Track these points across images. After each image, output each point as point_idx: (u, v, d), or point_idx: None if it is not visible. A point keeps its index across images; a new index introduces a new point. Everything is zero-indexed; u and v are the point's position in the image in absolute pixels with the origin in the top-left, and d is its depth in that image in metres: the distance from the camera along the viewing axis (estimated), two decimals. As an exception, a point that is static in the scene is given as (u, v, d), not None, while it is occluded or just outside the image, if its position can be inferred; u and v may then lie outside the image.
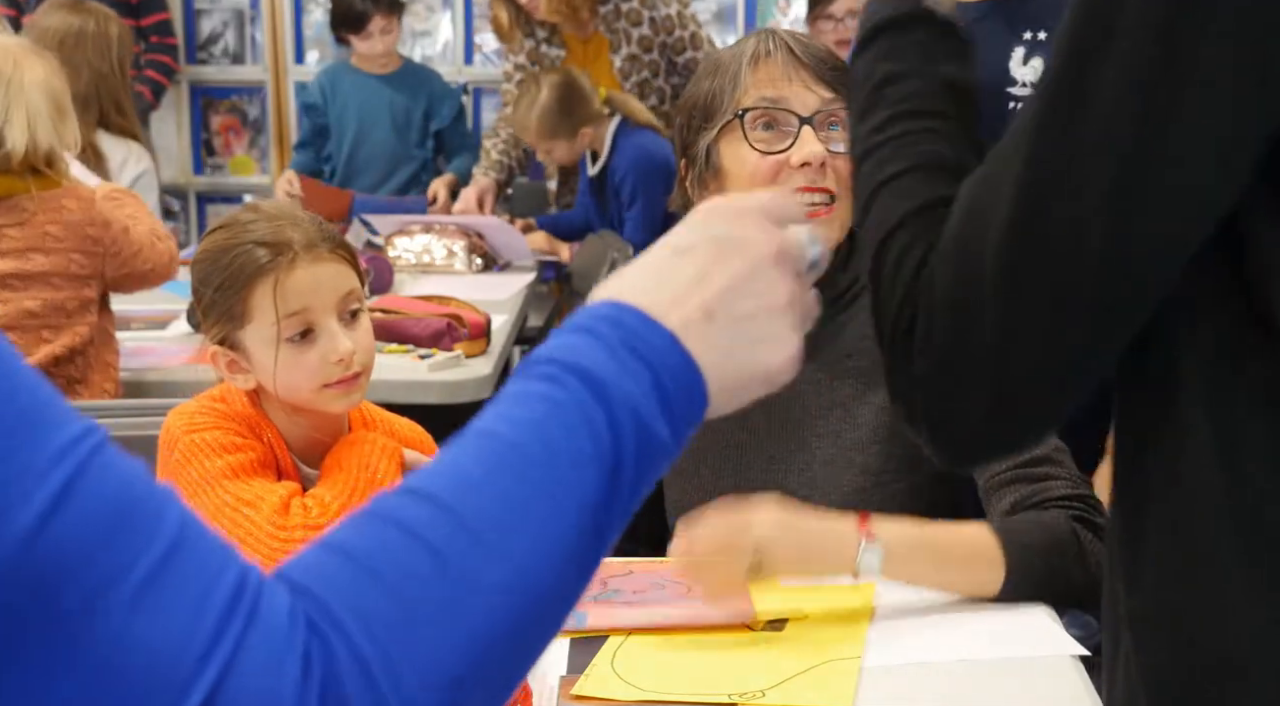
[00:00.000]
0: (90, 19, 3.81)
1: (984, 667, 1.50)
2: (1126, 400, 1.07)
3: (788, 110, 1.81)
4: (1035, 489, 1.71)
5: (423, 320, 3.15)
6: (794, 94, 1.80)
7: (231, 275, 1.75)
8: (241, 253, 1.74)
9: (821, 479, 1.82)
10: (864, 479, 1.80)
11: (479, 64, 6.26)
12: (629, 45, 4.71)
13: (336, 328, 1.76)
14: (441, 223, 4.35)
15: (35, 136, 2.72)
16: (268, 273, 1.73)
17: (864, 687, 1.46)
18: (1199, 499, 1.00)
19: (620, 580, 1.75)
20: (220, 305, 1.77)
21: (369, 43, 5.08)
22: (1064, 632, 1.59)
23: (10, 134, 2.70)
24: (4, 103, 2.70)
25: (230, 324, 1.76)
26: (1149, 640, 1.04)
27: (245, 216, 1.79)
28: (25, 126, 2.70)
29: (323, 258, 1.76)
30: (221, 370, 1.79)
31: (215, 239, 1.79)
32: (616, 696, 1.47)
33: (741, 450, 1.87)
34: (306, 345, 1.75)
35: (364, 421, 1.84)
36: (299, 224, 1.77)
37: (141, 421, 2.34)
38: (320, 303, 1.75)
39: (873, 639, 1.56)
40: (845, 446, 1.83)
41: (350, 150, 5.15)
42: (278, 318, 1.73)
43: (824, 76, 1.81)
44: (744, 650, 1.56)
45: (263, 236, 1.74)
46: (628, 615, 1.63)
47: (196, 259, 1.81)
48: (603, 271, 4.22)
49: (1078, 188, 0.94)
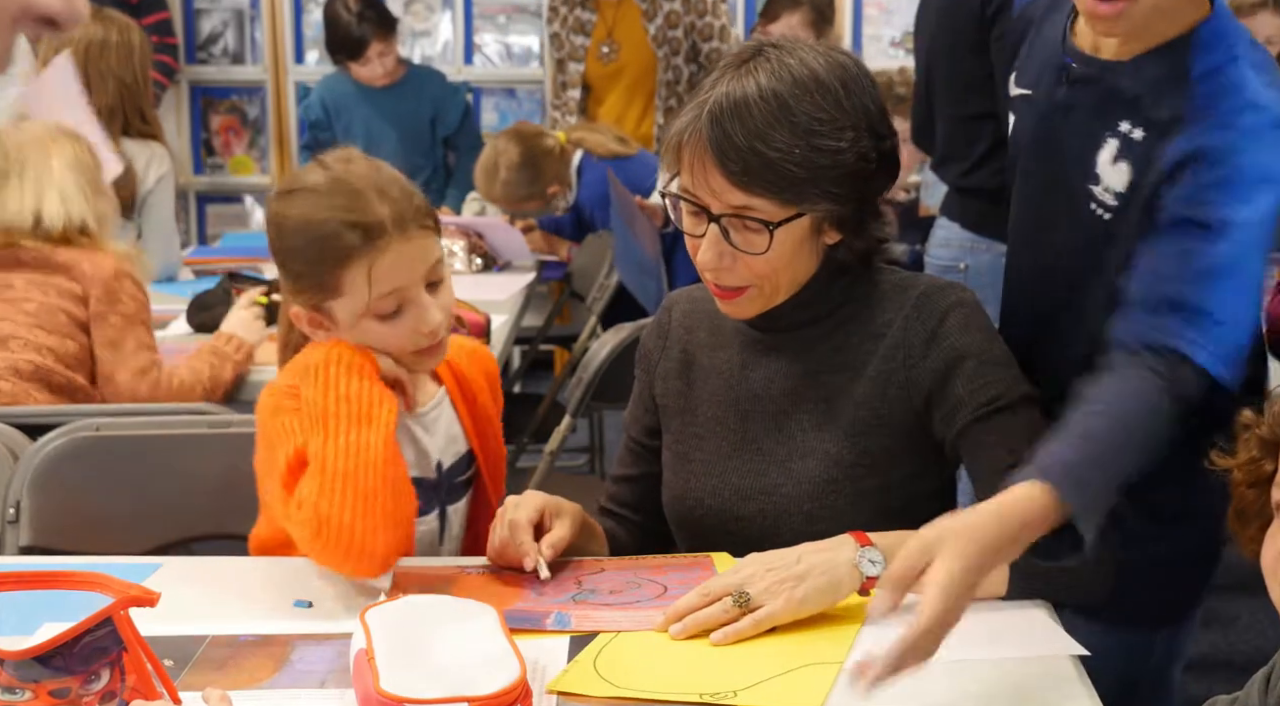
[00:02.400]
0: (113, 28, 3.83)
1: (984, 667, 1.51)
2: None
3: (701, 206, 1.76)
4: None
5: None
6: (702, 193, 1.74)
7: (321, 253, 1.78)
8: (331, 233, 1.76)
9: (798, 470, 1.82)
10: (835, 470, 1.80)
11: (479, 64, 6.26)
12: (659, 17, 4.72)
13: (427, 299, 1.81)
14: (442, 223, 4.35)
15: (69, 213, 2.86)
16: (361, 255, 1.76)
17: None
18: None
19: (594, 579, 1.76)
20: (308, 278, 1.81)
21: (368, 67, 5.08)
22: (1064, 632, 1.59)
23: (47, 211, 2.85)
24: (36, 189, 2.86)
25: (319, 295, 1.81)
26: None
27: (327, 182, 1.80)
28: (60, 204, 2.86)
29: (412, 234, 1.80)
30: (302, 326, 1.85)
31: (300, 207, 1.80)
32: (591, 693, 1.47)
33: (735, 441, 1.88)
34: (397, 318, 1.80)
35: None
36: (385, 194, 1.79)
37: (142, 422, 2.34)
38: (411, 279, 1.80)
39: (872, 639, 1.56)
40: (822, 438, 1.83)
41: (360, 166, 5.14)
42: (370, 297, 1.77)
43: (734, 177, 1.71)
44: (728, 651, 1.56)
45: (353, 216, 1.76)
46: (614, 617, 1.64)
47: (278, 221, 1.82)
48: (603, 271, 4.23)
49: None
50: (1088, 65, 1.83)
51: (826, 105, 1.72)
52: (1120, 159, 1.79)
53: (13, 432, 2.29)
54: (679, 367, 1.95)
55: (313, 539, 1.69)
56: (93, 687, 1.32)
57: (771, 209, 1.72)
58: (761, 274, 1.77)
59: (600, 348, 2.97)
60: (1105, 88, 1.81)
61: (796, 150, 1.69)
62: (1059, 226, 1.89)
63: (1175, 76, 1.75)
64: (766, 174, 1.70)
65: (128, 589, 1.39)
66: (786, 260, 1.76)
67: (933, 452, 1.82)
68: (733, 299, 1.81)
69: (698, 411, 1.92)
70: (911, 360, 1.80)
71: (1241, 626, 3.49)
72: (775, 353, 1.87)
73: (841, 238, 1.80)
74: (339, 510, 1.68)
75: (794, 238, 1.75)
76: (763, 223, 1.72)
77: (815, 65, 1.73)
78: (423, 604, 1.55)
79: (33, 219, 2.85)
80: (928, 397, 1.80)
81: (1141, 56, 1.78)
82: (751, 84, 1.71)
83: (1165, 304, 1.70)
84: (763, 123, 1.69)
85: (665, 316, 1.99)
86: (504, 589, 1.72)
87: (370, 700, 1.37)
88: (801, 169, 1.70)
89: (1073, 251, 1.87)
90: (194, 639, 1.60)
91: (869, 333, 1.83)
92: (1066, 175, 1.86)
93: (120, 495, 2.25)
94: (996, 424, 1.76)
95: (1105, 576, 1.71)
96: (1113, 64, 1.81)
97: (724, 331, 1.92)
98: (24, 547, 2.17)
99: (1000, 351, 1.81)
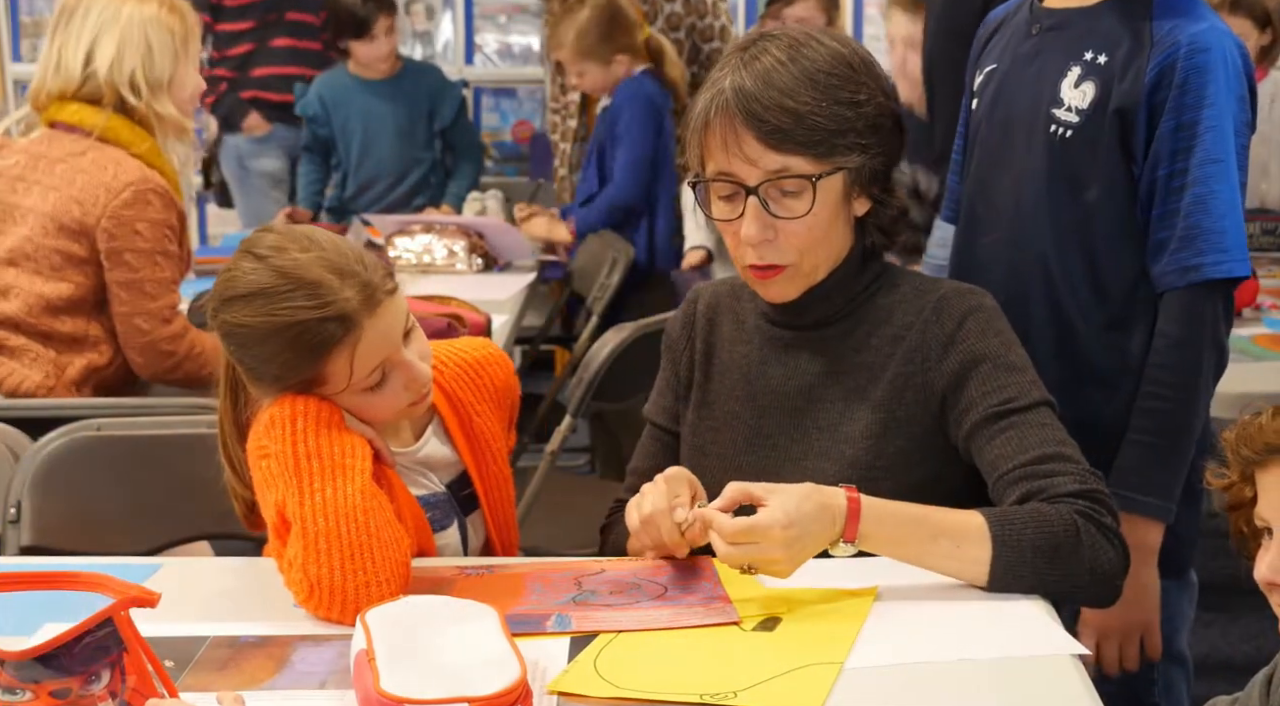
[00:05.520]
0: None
1: (984, 667, 1.51)
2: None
3: (735, 182, 1.80)
4: (1041, 485, 1.72)
5: (423, 320, 3.12)
6: (737, 166, 1.78)
7: (298, 354, 1.69)
8: (306, 331, 1.67)
9: (813, 470, 1.83)
10: (851, 472, 1.81)
11: (479, 64, 6.26)
12: (659, 19, 4.71)
13: (409, 358, 1.75)
14: (442, 223, 4.35)
15: (122, 64, 2.79)
16: (342, 345, 1.69)
17: (864, 687, 1.46)
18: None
19: (594, 580, 1.76)
20: (287, 378, 1.72)
21: (374, 45, 5.04)
22: (1064, 632, 1.59)
23: (98, 57, 2.78)
24: (94, 30, 2.79)
25: (299, 388, 1.73)
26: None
27: (275, 278, 1.68)
28: (114, 49, 2.79)
29: (382, 304, 1.71)
30: None
31: (257, 313, 1.68)
32: (591, 693, 1.47)
33: (750, 435, 1.90)
34: (383, 385, 1.75)
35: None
36: (345, 274, 1.68)
37: (142, 422, 2.34)
38: (392, 345, 1.73)
39: (872, 638, 1.56)
40: (838, 439, 1.84)
41: (358, 159, 5.13)
42: (355, 378, 1.71)
43: (769, 138, 1.76)
44: (730, 651, 1.56)
45: (324, 311, 1.67)
46: (615, 618, 1.64)
47: (233, 333, 1.71)
48: (603, 271, 4.22)
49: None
50: (1058, 15, 2.05)
51: (840, 67, 1.79)
52: (1084, 81, 1.99)
53: (13, 432, 2.29)
54: (700, 359, 1.97)
55: (307, 600, 1.67)
56: (93, 688, 1.32)
57: (808, 166, 1.77)
58: (802, 246, 1.81)
59: (601, 347, 2.97)
60: (1074, 30, 2.02)
61: (822, 104, 1.77)
62: (1014, 158, 2.05)
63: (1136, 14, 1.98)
64: (798, 131, 1.76)
65: (128, 589, 1.38)
66: (824, 230, 1.81)
67: (950, 457, 1.83)
68: (773, 277, 1.83)
69: (715, 405, 1.93)
70: (929, 363, 1.82)
71: (1241, 626, 3.49)
72: (795, 350, 1.89)
73: (870, 207, 1.85)
74: (328, 572, 1.64)
75: (831, 198, 1.80)
76: (803, 177, 1.77)
77: (821, 38, 1.83)
78: (423, 604, 1.55)
79: (83, 64, 2.79)
80: (943, 400, 1.81)
81: (1105, 3, 2.01)
82: (767, 58, 1.79)
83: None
84: (786, 84, 1.77)
85: (691, 308, 2.01)
86: (504, 590, 1.72)
87: (370, 700, 1.37)
88: (830, 121, 1.77)
89: (1030, 175, 2.03)
90: (195, 639, 1.60)
91: (888, 335, 1.85)
92: (1027, 108, 2.04)
93: (120, 495, 2.25)
94: (1006, 425, 1.77)
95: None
96: (1081, 9, 2.03)
97: (746, 327, 1.94)
98: (24, 548, 2.17)
99: (1017, 357, 1.82)
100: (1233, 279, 1.96)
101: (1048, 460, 1.74)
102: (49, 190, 2.78)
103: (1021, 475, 1.74)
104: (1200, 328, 1.96)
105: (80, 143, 2.80)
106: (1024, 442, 1.75)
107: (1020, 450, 1.75)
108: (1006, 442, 1.76)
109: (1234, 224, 1.94)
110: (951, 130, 3.55)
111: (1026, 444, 1.75)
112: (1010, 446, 1.75)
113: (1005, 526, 1.66)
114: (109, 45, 2.79)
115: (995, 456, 1.77)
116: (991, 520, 1.67)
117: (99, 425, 2.28)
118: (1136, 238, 1.99)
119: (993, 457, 1.77)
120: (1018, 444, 1.75)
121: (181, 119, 2.88)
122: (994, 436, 1.77)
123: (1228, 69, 1.93)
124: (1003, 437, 1.76)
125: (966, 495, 1.81)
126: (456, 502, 1.92)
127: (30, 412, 2.53)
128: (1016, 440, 1.76)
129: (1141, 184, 1.97)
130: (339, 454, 1.69)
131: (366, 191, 5.12)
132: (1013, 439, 1.76)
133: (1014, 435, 1.76)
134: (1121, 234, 1.99)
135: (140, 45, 2.80)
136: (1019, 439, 1.76)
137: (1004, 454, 1.76)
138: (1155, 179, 1.96)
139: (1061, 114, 1.99)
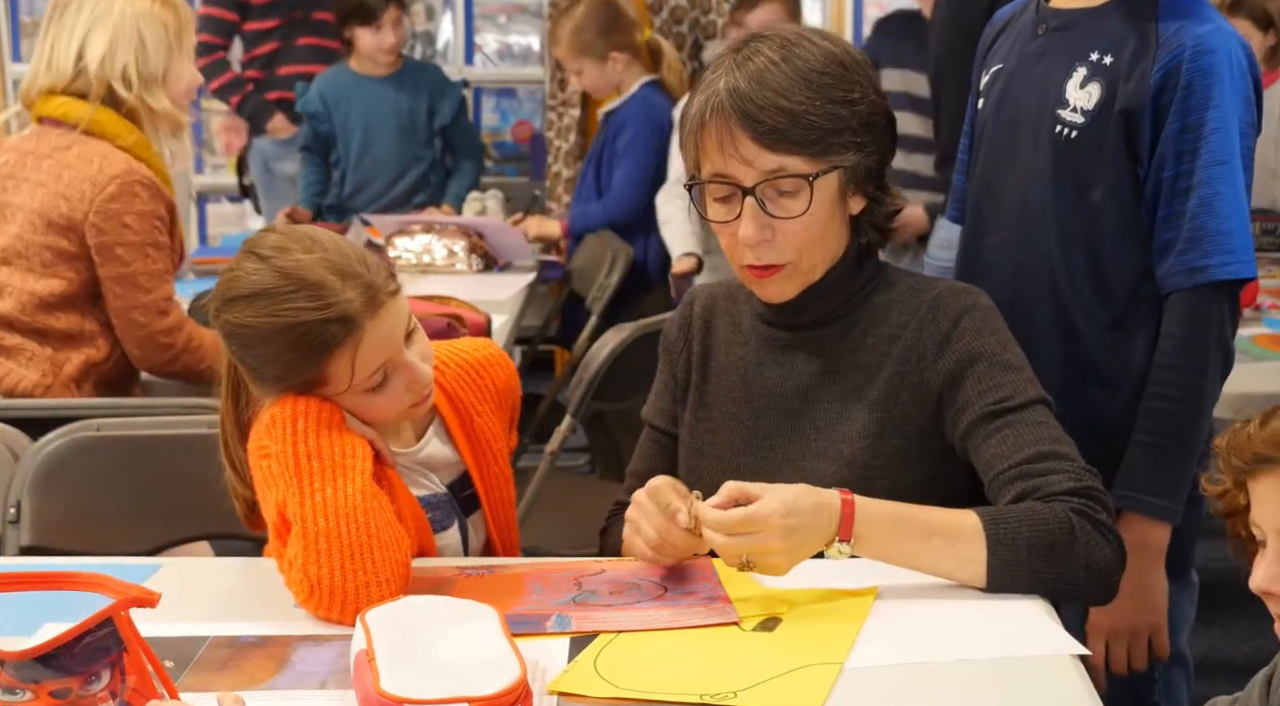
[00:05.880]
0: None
1: (984, 667, 1.51)
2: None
3: (732, 183, 1.80)
4: (1037, 483, 1.72)
5: (423, 320, 3.12)
6: (734, 167, 1.79)
7: (300, 354, 1.69)
8: (308, 332, 1.67)
9: (811, 470, 1.83)
10: (848, 472, 1.81)
11: (479, 64, 6.26)
12: (664, 11, 4.70)
13: (411, 359, 1.75)
14: (442, 223, 4.35)
15: (114, 59, 2.78)
16: (344, 346, 1.69)
17: (864, 687, 1.46)
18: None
19: (594, 580, 1.76)
20: (288, 379, 1.72)
21: (379, 35, 4.99)
22: (1064, 632, 1.59)
23: (90, 52, 2.78)
24: (87, 25, 2.78)
25: (300, 389, 1.73)
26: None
27: (278, 279, 1.68)
28: (106, 43, 2.78)
29: (385, 305, 1.71)
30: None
31: (259, 313, 1.68)
32: (592, 693, 1.47)
33: (747, 435, 1.90)
34: (385, 386, 1.75)
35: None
36: (347, 275, 1.68)
37: (142, 422, 2.34)
38: (394, 346, 1.73)
39: (871, 638, 1.57)
40: (836, 439, 1.85)
41: (358, 156, 5.12)
42: (357, 379, 1.71)
43: (765, 138, 1.77)
44: (729, 651, 1.56)
45: (326, 312, 1.67)
46: (615, 618, 1.64)
47: (235, 333, 1.71)
48: (602, 271, 4.23)
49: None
50: (1064, 15, 2.05)
51: (833, 66, 1.80)
52: (1089, 82, 1.99)
53: (13, 432, 2.29)
54: (698, 361, 1.97)
55: (307, 600, 1.67)
56: (93, 688, 1.32)
57: (804, 166, 1.78)
58: (800, 245, 1.81)
59: (600, 347, 2.97)
60: (1080, 31, 2.02)
61: (817, 103, 1.77)
62: (1020, 158, 2.06)
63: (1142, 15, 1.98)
64: (794, 130, 1.76)
65: (128, 589, 1.38)
66: (821, 228, 1.81)
67: (947, 456, 1.83)
68: (771, 276, 1.83)
69: (712, 406, 1.94)
70: (925, 362, 1.82)
71: (1241, 626, 3.49)
72: (792, 351, 1.89)
73: (865, 205, 1.85)
74: (328, 573, 1.65)
75: (828, 197, 1.80)
76: (800, 177, 1.77)
77: (813, 37, 1.83)
78: (423, 604, 1.55)
79: (75, 59, 2.79)
80: (939, 399, 1.81)
81: (1111, 4, 2.01)
82: (760, 59, 1.79)
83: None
84: (781, 84, 1.77)
85: (687, 309, 2.02)
86: (504, 590, 1.72)
87: (370, 700, 1.37)
88: (825, 120, 1.77)
89: (1036, 175, 2.03)
90: (195, 640, 1.60)
91: (884, 334, 1.85)
92: (1033, 109, 2.04)
93: (120, 495, 2.25)
94: (1002, 424, 1.77)
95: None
96: (1087, 10, 2.02)
97: (742, 328, 1.94)
98: (24, 548, 2.17)
99: (1013, 355, 1.82)
100: (1239, 280, 1.96)
101: (1043, 458, 1.74)
102: (37, 186, 2.78)
103: (1017, 474, 1.74)
104: (1206, 329, 1.96)
105: (66, 137, 2.80)
106: (1019, 441, 1.75)
107: (1015, 448, 1.75)
108: (1002, 441, 1.76)
109: (1240, 225, 1.94)
110: (957, 129, 3.57)
111: (1022, 442, 1.75)
112: (1006, 445, 1.76)
113: (1000, 525, 1.66)
114: (101, 40, 2.79)
115: (991, 455, 1.77)
116: (986, 519, 1.67)
117: (99, 425, 2.27)
118: (1141, 238, 1.99)
119: (988, 456, 1.77)
120: (1013, 442, 1.75)
121: (177, 113, 2.87)
122: (989, 435, 1.77)
123: (1233, 70, 1.93)
124: (998, 436, 1.77)
125: (965, 494, 1.81)
126: (457, 503, 1.92)
127: (30, 412, 2.53)
128: (1012, 439, 1.76)
129: (1147, 185, 1.97)
130: (340, 454, 1.70)
131: (366, 188, 5.11)
132: (1008, 437, 1.76)
133: (1009, 434, 1.76)
134: (1126, 234, 2.00)
135: (133, 39, 2.80)
136: (1014, 437, 1.76)
137: (999, 452, 1.76)
138: (1161, 180, 1.96)
139: (1067, 114, 2.00)
